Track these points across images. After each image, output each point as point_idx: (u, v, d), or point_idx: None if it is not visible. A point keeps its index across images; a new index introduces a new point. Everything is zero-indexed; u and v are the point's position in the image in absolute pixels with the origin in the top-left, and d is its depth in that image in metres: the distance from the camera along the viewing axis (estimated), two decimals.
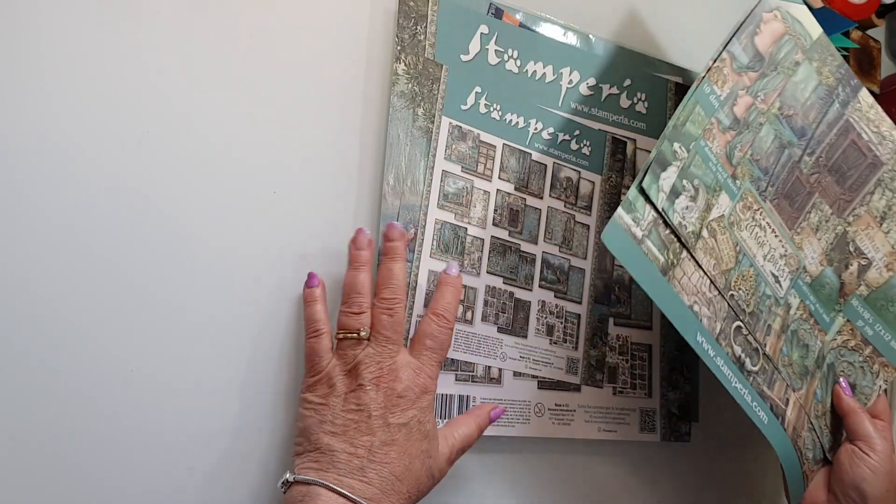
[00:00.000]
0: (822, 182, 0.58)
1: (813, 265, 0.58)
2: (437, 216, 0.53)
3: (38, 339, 0.42)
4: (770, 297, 0.55)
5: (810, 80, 0.58)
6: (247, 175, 0.49)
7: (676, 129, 0.51)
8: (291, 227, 0.50)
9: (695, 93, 0.52)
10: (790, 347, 0.56)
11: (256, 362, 0.47)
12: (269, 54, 0.51)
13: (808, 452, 0.56)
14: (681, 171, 0.51)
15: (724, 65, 0.53)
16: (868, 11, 0.82)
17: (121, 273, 0.45)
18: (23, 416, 0.41)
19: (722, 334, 0.52)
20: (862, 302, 0.60)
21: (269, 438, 0.47)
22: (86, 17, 0.46)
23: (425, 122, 0.54)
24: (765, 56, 0.55)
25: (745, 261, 0.54)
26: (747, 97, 0.55)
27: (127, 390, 0.44)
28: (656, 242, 0.49)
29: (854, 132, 0.59)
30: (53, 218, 0.44)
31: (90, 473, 0.42)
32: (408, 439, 0.44)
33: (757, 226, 0.55)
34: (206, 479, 0.45)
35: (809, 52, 0.57)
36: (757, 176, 0.55)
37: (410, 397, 0.45)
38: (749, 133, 0.55)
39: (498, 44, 0.58)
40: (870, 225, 0.60)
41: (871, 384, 0.60)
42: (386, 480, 0.42)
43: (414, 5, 0.55)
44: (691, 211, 0.51)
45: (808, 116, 0.58)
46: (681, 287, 0.50)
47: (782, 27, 0.56)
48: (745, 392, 0.52)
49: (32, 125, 0.44)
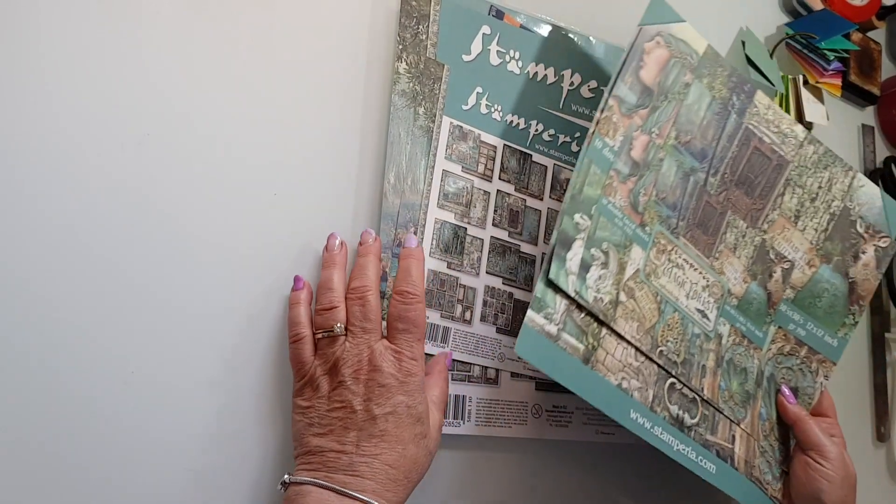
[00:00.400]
0: (731, 198, 0.58)
1: (737, 286, 0.58)
2: (436, 215, 0.53)
3: (38, 340, 0.42)
4: (699, 335, 0.55)
5: (703, 99, 0.57)
6: (247, 176, 0.49)
7: (574, 200, 0.50)
8: (292, 228, 0.50)
9: (587, 152, 0.50)
10: (728, 379, 0.56)
11: (256, 363, 0.48)
12: (270, 54, 0.51)
13: (766, 476, 0.56)
14: (587, 242, 0.50)
15: (612, 112, 0.52)
16: (868, 13, 0.82)
17: (121, 274, 0.45)
18: (23, 417, 0.41)
19: (656, 399, 0.51)
20: (790, 305, 0.60)
21: (269, 440, 0.47)
22: (86, 18, 0.46)
23: (426, 121, 0.54)
24: (653, 88, 0.54)
25: (668, 308, 0.54)
26: (643, 136, 0.54)
27: (127, 391, 0.44)
28: (573, 331, 0.48)
29: (756, 138, 0.59)
30: (54, 219, 0.43)
31: (90, 474, 0.42)
32: (398, 426, 0.43)
33: (674, 266, 0.54)
34: (206, 479, 0.45)
35: (698, 69, 0.56)
36: (666, 215, 0.55)
37: (394, 384, 0.44)
38: (650, 173, 0.54)
39: (500, 45, 0.58)
40: (785, 227, 0.60)
41: (813, 383, 0.60)
42: (378, 472, 0.42)
43: (416, 5, 0.55)
44: (605, 279, 0.50)
45: (706, 136, 0.57)
46: (606, 368, 0.49)
47: (666, 52, 0.55)
48: (689, 450, 0.52)
49: (33, 126, 0.44)
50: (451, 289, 0.53)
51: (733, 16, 0.77)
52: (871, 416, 0.76)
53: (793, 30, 0.78)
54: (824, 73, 0.78)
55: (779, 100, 0.77)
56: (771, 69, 0.74)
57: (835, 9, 0.79)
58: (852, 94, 0.83)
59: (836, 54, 0.78)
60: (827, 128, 0.79)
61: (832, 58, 0.77)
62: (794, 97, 0.77)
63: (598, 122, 0.51)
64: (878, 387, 0.77)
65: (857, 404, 0.76)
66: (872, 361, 0.78)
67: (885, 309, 0.80)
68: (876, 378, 0.77)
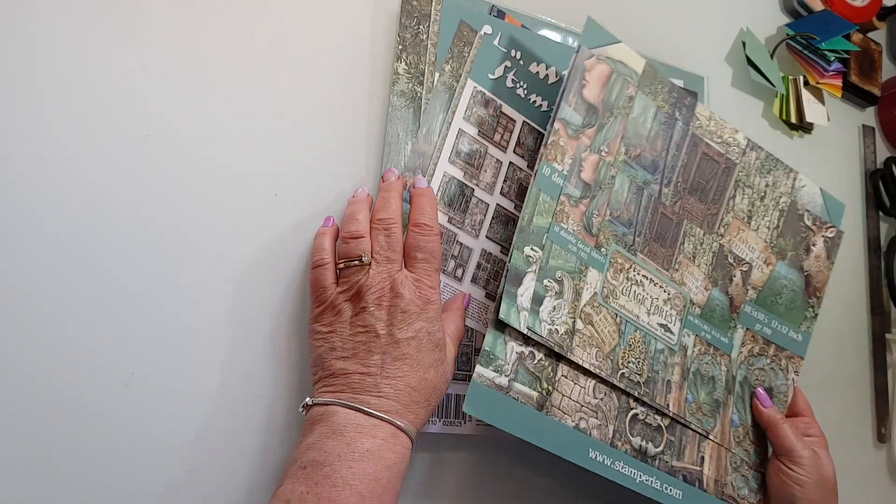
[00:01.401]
0: (686, 206, 0.58)
1: (699, 294, 0.58)
2: (446, 169, 0.53)
3: (38, 343, 0.42)
4: (662, 350, 0.55)
5: (648, 109, 0.57)
6: (247, 177, 0.49)
7: (524, 233, 0.49)
8: (292, 229, 0.50)
9: (535, 182, 0.50)
10: (695, 390, 0.56)
11: (256, 365, 0.47)
12: (270, 55, 0.51)
13: (741, 491, 0.56)
14: (539, 273, 0.50)
15: (559, 136, 0.52)
16: (869, 14, 0.82)
17: (121, 275, 0.45)
18: (24, 419, 0.41)
19: (617, 434, 0.51)
20: (753, 305, 0.61)
21: (269, 441, 0.47)
22: (86, 19, 0.46)
23: (451, 79, 0.54)
24: (598, 105, 0.54)
25: (629, 328, 0.53)
26: (592, 156, 0.54)
27: (127, 393, 0.44)
28: (526, 379, 0.48)
29: (703, 143, 0.59)
30: (54, 220, 0.43)
31: (90, 475, 0.42)
32: (419, 351, 0.44)
33: (633, 284, 0.54)
34: (206, 480, 0.45)
35: (641, 87, 0.57)
36: (622, 233, 0.54)
37: (414, 311, 0.44)
38: (603, 193, 0.54)
39: (501, 44, 0.57)
40: (740, 229, 0.60)
41: (785, 380, 0.61)
42: (402, 393, 0.42)
43: (417, 5, 0.55)
44: (559, 309, 0.50)
45: (655, 147, 0.57)
46: (562, 412, 0.49)
47: (607, 67, 0.55)
48: (653, 480, 0.52)
49: (33, 127, 0.44)
50: (447, 243, 0.53)
51: (734, 16, 0.77)
52: (872, 417, 0.76)
53: (793, 30, 0.78)
54: (825, 73, 0.78)
55: (779, 100, 0.77)
56: (771, 70, 0.74)
57: (835, 9, 0.79)
58: (853, 94, 0.83)
59: (836, 55, 0.78)
60: (827, 128, 0.79)
61: (833, 58, 0.77)
62: (794, 98, 0.77)
63: (545, 148, 0.51)
64: (879, 388, 0.77)
65: (858, 405, 0.76)
66: (873, 362, 0.77)
67: (886, 309, 0.80)
68: (876, 379, 0.77)
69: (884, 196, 0.82)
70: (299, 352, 0.49)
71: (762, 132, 0.76)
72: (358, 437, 0.40)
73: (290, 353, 0.48)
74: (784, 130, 0.77)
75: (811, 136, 0.79)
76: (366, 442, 0.40)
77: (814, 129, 0.79)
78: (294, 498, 0.38)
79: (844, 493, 0.71)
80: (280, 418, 0.48)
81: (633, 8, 0.70)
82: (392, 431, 0.41)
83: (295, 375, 0.48)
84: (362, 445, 0.40)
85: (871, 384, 0.77)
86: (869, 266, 0.80)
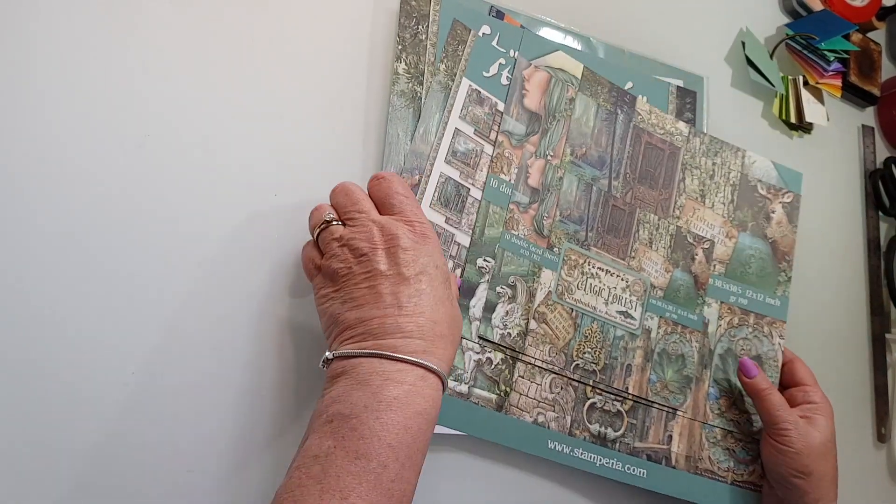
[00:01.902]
0: (637, 195, 0.59)
1: (659, 277, 0.59)
2: (442, 170, 0.53)
3: (38, 341, 0.42)
4: (622, 336, 0.56)
5: (590, 108, 0.59)
6: (247, 177, 0.49)
7: (476, 245, 0.52)
8: (292, 229, 0.50)
9: (483, 195, 0.52)
10: (661, 370, 0.57)
11: (256, 364, 0.47)
12: (270, 56, 0.51)
13: (723, 464, 0.57)
14: (491, 282, 0.52)
15: (504, 148, 0.54)
16: (868, 14, 0.82)
17: (121, 276, 0.45)
18: (23, 418, 0.41)
19: (574, 423, 0.53)
20: (723, 279, 0.62)
21: (269, 441, 0.47)
22: (86, 20, 0.46)
23: (446, 78, 0.54)
24: (540, 112, 0.56)
25: (586, 320, 0.55)
26: (538, 161, 0.55)
27: (127, 393, 0.44)
28: (484, 384, 0.50)
29: (646, 133, 0.61)
30: (54, 220, 0.43)
31: (90, 475, 0.42)
32: (431, 285, 0.42)
33: (589, 277, 0.56)
34: (206, 481, 0.45)
35: (581, 91, 0.58)
36: (573, 230, 0.56)
37: (413, 246, 0.43)
38: (551, 195, 0.55)
39: (500, 45, 0.57)
40: (695, 208, 0.62)
41: (771, 346, 0.62)
42: (425, 328, 0.41)
43: (416, 5, 0.55)
44: (513, 313, 0.52)
45: (600, 143, 0.58)
46: (520, 409, 0.51)
47: (546, 74, 0.57)
48: (613, 462, 0.53)
49: (33, 128, 0.44)
50: (444, 243, 0.53)
51: (733, 16, 0.77)
52: (872, 417, 0.76)
53: (793, 30, 0.78)
54: (824, 73, 0.78)
55: (779, 100, 0.77)
56: (771, 70, 0.74)
57: (835, 9, 0.79)
58: (852, 94, 0.83)
59: (836, 55, 0.78)
60: (827, 128, 0.79)
61: (832, 58, 0.77)
62: (794, 98, 0.77)
63: (491, 163, 0.52)
64: (879, 388, 0.77)
65: (858, 405, 0.76)
66: (873, 362, 0.77)
67: (886, 310, 0.80)
68: (876, 379, 0.77)
69: (883, 196, 0.82)
70: (300, 351, 0.49)
71: (762, 132, 0.76)
72: (385, 384, 0.38)
73: (291, 353, 0.48)
74: (784, 130, 0.77)
75: (811, 136, 0.79)
76: (393, 389, 0.38)
77: (813, 129, 0.79)
78: (321, 454, 0.36)
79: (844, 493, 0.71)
80: (281, 418, 0.48)
81: (633, 8, 0.70)
82: (420, 374, 0.39)
83: (297, 374, 0.48)
84: (389, 393, 0.38)
85: (871, 384, 0.77)
86: (869, 266, 0.80)
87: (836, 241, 0.78)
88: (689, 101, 0.66)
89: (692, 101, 0.66)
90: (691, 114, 0.66)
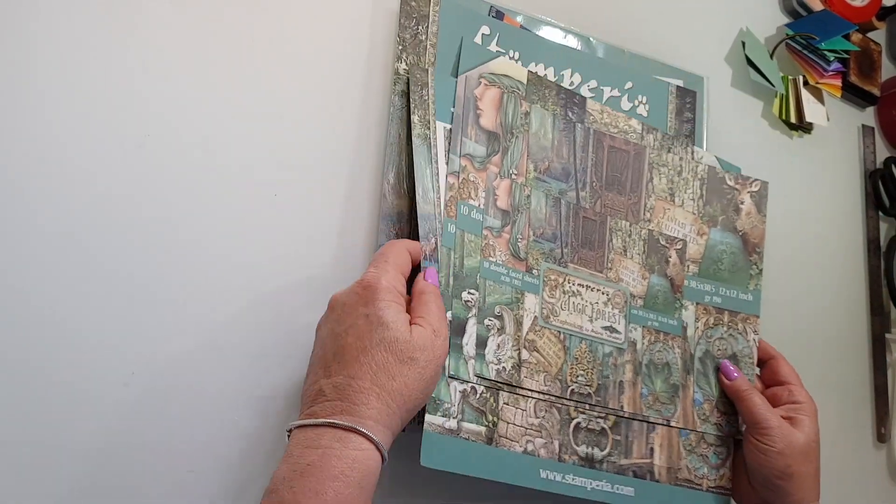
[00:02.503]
0: (607, 203, 0.58)
1: (637, 286, 0.58)
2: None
3: (38, 342, 0.42)
4: (610, 353, 0.55)
5: (546, 120, 0.56)
6: (247, 177, 0.49)
7: (458, 279, 0.49)
8: (292, 229, 0.50)
9: (456, 224, 0.50)
10: (650, 382, 0.56)
11: (256, 365, 0.47)
12: (270, 56, 0.51)
13: (699, 471, 0.57)
14: (479, 315, 0.50)
15: (467, 172, 0.51)
16: (868, 14, 0.82)
17: (121, 276, 0.45)
18: (23, 419, 0.41)
19: (563, 448, 0.51)
20: (697, 279, 0.60)
21: (269, 441, 0.47)
22: (86, 21, 0.46)
23: (423, 129, 0.52)
24: (497, 131, 0.54)
25: (574, 341, 0.54)
26: (504, 181, 0.53)
27: (127, 393, 0.44)
28: (472, 416, 0.48)
29: (606, 137, 0.59)
30: (54, 220, 0.43)
31: (90, 475, 0.42)
32: (357, 336, 0.41)
33: (571, 295, 0.54)
34: (206, 481, 0.45)
35: (529, 96, 0.56)
36: (548, 248, 0.54)
37: (347, 300, 0.42)
38: (522, 215, 0.53)
39: (500, 45, 0.57)
40: (665, 209, 0.60)
41: (746, 343, 0.61)
42: (341, 386, 0.39)
43: (416, 5, 0.55)
44: (504, 345, 0.50)
45: (562, 155, 0.56)
46: (509, 440, 0.49)
47: (497, 90, 0.55)
48: (603, 483, 0.52)
49: (34, 128, 0.44)
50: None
51: (733, 16, 0.77)
52: (872, 417, 0.76)
53: (793, 30, 0.78)
54: (824, 73, 0.78)
55: (779, 100, 0.77)
56: (771, 70, 0.74)
57: (835, 9, 0.79)
58: (852, 94, 0.83)
59: (836, 55, 0.78)
60: (827, 128, 0.79)
61: (832, 58, 0.77)
62: (794, 98, 0.77)
63: (458, 188, 0.51)
64: (879, 388, 0.77)
65: (858, 405, 0.76)
66: (873, 362, 0.77)
67: (886, 309, 0.80)
68: (876, 379, 0.77)
69: (883, 196, 0.82)
70: (300, 351, 0.49)
71: (762, 132, 0.76)
72: (304, 453, 0.37)
73: (291, 353, 0.49)
74: (784, 130, 0.77)
75: (811, 136, 0.79)
76: (309, 455, 0.37)
77: (813, 129, 0.79)
78: None
79: (844, 493, 0.71)
80: (281, 418, 0.48)
81: (633, 8, 0.70)
82: (337, 436, 0.37)
83: (297, 374, 0.48)
84: (304, 461, 0.37)
85: (871, 384, 0.77)
86: (868, 266, 0.80)
87: (836, 241, 0.78)
88: (688, 101, 0.66)
89: (692, 101, 0.66)
90: (691, 114, 0.66)
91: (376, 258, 0.45)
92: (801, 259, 0.75)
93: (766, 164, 0.74)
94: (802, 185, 0.77)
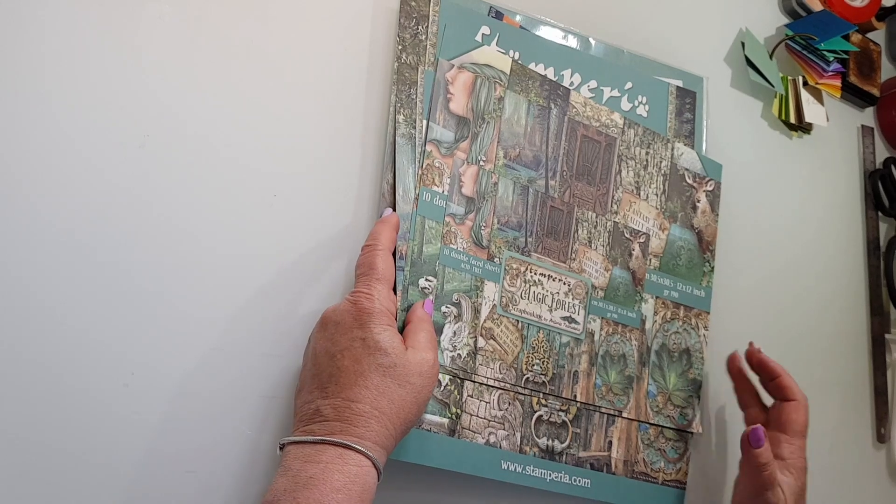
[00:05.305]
0: (575, 193, 0.58)
1: (600, 277, 0.58)
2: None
3: (38, 342, 0.42)
4: (568, 343, 0.55)
5: (521, 106, 0.56)
6: (247, 177, 0.49)
7: (415, 266, 0.49)
8: (292, 230, 0.50)
9: (417, 210, 0.50)
10: (605, 373, 0.57)
11: (256, 366, 0.47)
12: (270, 56, 0.51)
13: (656, 465, 0.58)
14: (436, 302, 0.50)
15: (433, 158, 0.51)
16: (868, 14, 0.82)
17: (121, 276, 0.45)
18: (22, 419, 0.41)
19: (524, 440, 0.52)
20: (658, 273, 0.61)
21: (269, 442, 0.47)
22: (87, 23, 0.46)
23: (408, 128, 0.52)
24: (467, 116, 0.53)
25: (532, 330, 0.54)
26: (471, 168, 0.53)
27: (127, 394, 0.44)
28: (435, 409, 0.49)
29: (581, 127, 0.59)
30: (54, 220, 0.43)
31: (90, 475, 0.42)
32: (354, 359, 0.42)
33: (532, 285, 0.54)
34: (206, 481, 0.45)
35: (510, 85, 0.56)
36: (512, 237, 0.54)
37: (343, 319, 0.43)
38: (487, 203, 0.53)
39: (499, 45, 0.58)
40: (631, 202, 0.61)
41: (697, 339, 0.62)
42: (341, 408, 0.40)
43: (415, 5, 0.55)
44: (460, 333, 0.50)
45: (534, 142, 0.56)
46: (472, 432, 0.50)
47: (471, 75, 0.54)
48: (562, 475, 0.53)
49: (34, 129, 0.44)
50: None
51: (733, 17, 0.77)
52: (872, 417, 0.76)
53: (792, 31, 0.78)
54: (824, 74, 0.78)
55: (778, 101, 0.77)
56: (770, 70, 0.74)
57: (834, 10, 0.79)
58: (852, 95, 0.83)
59: (835, 55, 0.78)
60: (826, 129, 0.79)
61: (832, 59, 0.78)
62: (793, 98, 0.77)
63: (420, 175, 0.50)
64: (879, 388, 0.77)
65: (858, 405, 0.76)
66: (872, 363, 0.78)
67: (885, 310, 0.80)
68: (876, 379, 0.77)
69: (883, 196, 0.82)
70: (300, 351, 0.49)
71: (761, 132, 0.76)
72: (305, 466, 0.38)
73: (292, 353, 0.48)
74: (783, 131, 0.77)
75: (810, 136, 0.79)
76: (311, 468, 0.38)
77: (813, 130, 0.79)
78: None
79: (844, 493, 0.71)
80: (281, 418, 0.48)
81: (632, 8, 0.70)
82: (338, 452, 0.39)
83: (295, 375, 0.48)
84: (307, 473, 0.38)
85: (871, 384, 0.77)
86: (868, 266, 0.80)
87: (835, 242, 0.78)
88: (688, 102, 0.66)
89: (692, 102, 0.66)
90: (691, 114, 0.66)
91: (365, 271, 0.45)
92: (800, 259, 0.75)
93: (765, 164, 0.74)
94: (802, 185, 0.77)
